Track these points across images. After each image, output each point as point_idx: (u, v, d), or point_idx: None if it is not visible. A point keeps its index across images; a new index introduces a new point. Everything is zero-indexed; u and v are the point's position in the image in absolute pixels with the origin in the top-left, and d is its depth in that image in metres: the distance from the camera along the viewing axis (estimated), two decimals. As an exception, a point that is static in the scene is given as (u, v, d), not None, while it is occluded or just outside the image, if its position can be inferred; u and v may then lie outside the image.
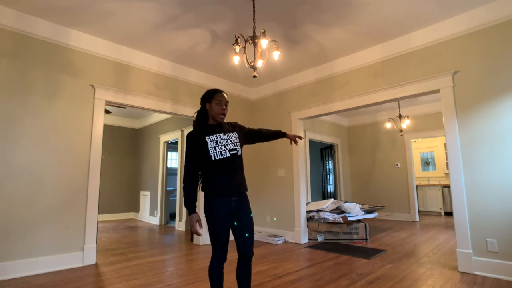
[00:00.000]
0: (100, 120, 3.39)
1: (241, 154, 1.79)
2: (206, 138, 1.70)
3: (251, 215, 1.75)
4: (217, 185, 1.66)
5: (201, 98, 1.81)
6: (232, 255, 3.59)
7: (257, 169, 5.14)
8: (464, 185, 2.88)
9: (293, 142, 2.05)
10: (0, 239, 2.68)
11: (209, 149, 1.67)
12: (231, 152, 1.70)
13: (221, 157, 1.67)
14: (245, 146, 5.06)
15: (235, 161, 1.72)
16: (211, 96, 1.76)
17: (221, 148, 1.69)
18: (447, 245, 4.01)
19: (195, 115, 1.85)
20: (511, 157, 2.66)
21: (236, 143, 1.76)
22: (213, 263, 1.66)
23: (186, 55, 3.87)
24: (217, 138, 1.71)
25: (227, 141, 1.72)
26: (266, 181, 4.97)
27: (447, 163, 8.07)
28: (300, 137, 2.05)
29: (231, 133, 1.79)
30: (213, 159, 1.66)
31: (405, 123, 6.07)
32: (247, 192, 1.75)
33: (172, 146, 8.94)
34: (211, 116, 1.77)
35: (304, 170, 4.57)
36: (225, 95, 1.78)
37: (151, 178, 6.98)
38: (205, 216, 1.66)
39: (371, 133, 7.31)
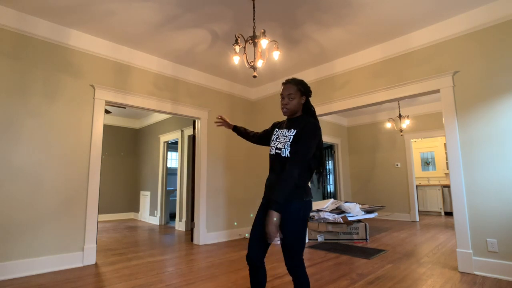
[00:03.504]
0: (100, 120, 3.39)
1: (289, 156, 1.52)
2: (275, 130, 1.70)
3: (288, 226, 1.47)
4: (266, 183, 1.65)
5: None
6: (233, 255, 3.59)
7: (256, 170, 5.14)
8: (464, 185, 2.88)
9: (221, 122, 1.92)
10: (0, 239, 2.68)
11: (269, 141, 1.72)
12: (276, 151, 1.59)
13: (270, 152, 1.65)
14: (245, 145, 5.06)
15: (278, 162, 1.55)
16: None
17: (275, 143, 1.62)
18: (447, 245, 4.01)
19: None
20: (511, 157, 2.66)
21: (287, 142, 1.54)
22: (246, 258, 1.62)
23: (186, 55, 3.87)
24: (280, 133, 1.64)
25: (284, 139, 1.58)
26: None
27: (447, 163, 8.07)
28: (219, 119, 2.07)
29: (292, 130, 1.58)
30: (269, 152, 1.71)
31: (405, 123, 6.08)
32: (295, 201, 1.48)
33: (172, 146, 8.94)
34: None
35: (304, 170, 4.56)
36: (287, 86, 1.61)
37: (151, 178, 6.99)
38: None
39: (371, 133, 7.31)
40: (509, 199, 2.64)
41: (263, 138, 1.90)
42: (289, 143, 1.53)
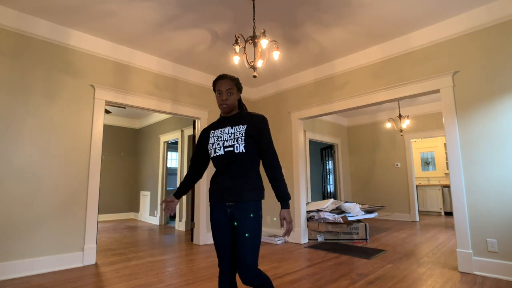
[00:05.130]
0: (100, 120, 3.39)
1: (244, 152, 1.45)
2: (211, 132, 1.57)
3: (250, 226, 1.42)
4: (213, 186, 1.52)
5: None
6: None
7: (257, 169, 5.14)
8: (464, 185, 2.88)
9: None
10: (0, 239, 2.68)
11: (209, 144, 1.54)
12: (225, 149, 1.47)
13: (214, 155, 1.50)
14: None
15: (232, 160, 1.46)
16: (214, 89, 1.57)
17: (218, 143, 1.50)
18: (447, 245, 4.01)
19: None
20: (511, 157, 2.66)
21: (238, 138, 1.46)
22: (219, 278, 1.49)
23: (186, 55, 3.87)
24: (221, 133, 1.53)
25: (230, 136, 1.49)
26: (265, 181, 4.97)
27: (447, 163, 8.07)
28: None
29: (240, 126, 1.51)
30: (211, 155, 1.53)
31: (405, 123, 6.07)
32: (255, 201, 1.46)
33: (172, 146, 8.94)
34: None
35: (304, 170, 4.57)
36: (225, 81, 1.52)
37: (151, 178, 6.98)
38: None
39: (371, 133, 7.31)
40: (509, 199, 2.64)
41: (204, 156, 1.65)
42: (242, 138, 1.46)
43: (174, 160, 9.25)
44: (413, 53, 3.37)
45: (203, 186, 4.34)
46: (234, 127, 1.51)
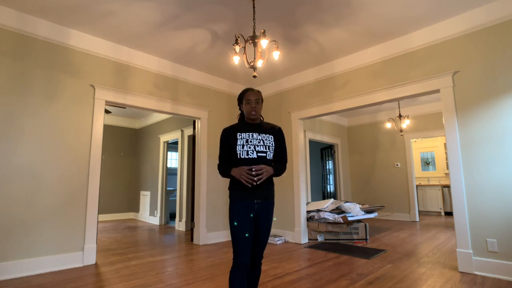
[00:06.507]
0: (100, 120, 3.39)
1: (272, 159, 1.72)
2: (238, 134, 1.68)
3: (271, 221, 1.71)
4: (240, 186, 1.64)
5: (237, 101, 1.83)
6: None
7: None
8: (464, 185, 2.88)
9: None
10: (0, 239, 2.68)
11: (237, 146, 1.65)
12: (258, 154, 1.65)
13: (246, 157, 1.64)
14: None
15: (263, 164, 1.66)
16: (241, 97, 1.76)
17: (249, 147, 1.65)
18: (447, 245, 4.01)
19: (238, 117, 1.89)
20: (511, 157, 2.66)
21: (269, 146, 1.70)
22: (233, 270, 1.58)
23: (186, 55, 3.87)
24: (248, 136, 1.68)
25: (259, 142, 1.68)
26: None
27: (447, 163, 8.07)
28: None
29: (267, 135, 1.73)
30: (238, 157, 1.64)
31: (405, 123, 6.07)
32: (273, 198, 1.75)
33: (172, 146, 8.94)
34: (246, 116, 1.76)
35: (304, 170, 4.57)
36: (253, 92, 1.72)
37: (151, 178, 6.98)
38: (229, 218, 1.65)
39: (371, 133, 7.31)
40: (509, 199, 2.64)
41: (230, 154, 1.73)
42: (272, 147, 1.71)
43: (174, 160, 9.25)
44: (413, 53, 3.37)
45: (203, 186, 4.34)
46: (261, 134, 1.72)
